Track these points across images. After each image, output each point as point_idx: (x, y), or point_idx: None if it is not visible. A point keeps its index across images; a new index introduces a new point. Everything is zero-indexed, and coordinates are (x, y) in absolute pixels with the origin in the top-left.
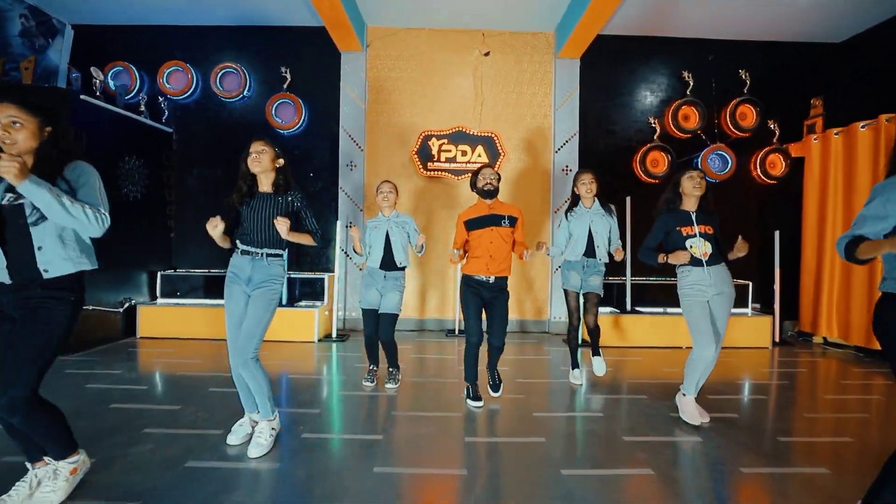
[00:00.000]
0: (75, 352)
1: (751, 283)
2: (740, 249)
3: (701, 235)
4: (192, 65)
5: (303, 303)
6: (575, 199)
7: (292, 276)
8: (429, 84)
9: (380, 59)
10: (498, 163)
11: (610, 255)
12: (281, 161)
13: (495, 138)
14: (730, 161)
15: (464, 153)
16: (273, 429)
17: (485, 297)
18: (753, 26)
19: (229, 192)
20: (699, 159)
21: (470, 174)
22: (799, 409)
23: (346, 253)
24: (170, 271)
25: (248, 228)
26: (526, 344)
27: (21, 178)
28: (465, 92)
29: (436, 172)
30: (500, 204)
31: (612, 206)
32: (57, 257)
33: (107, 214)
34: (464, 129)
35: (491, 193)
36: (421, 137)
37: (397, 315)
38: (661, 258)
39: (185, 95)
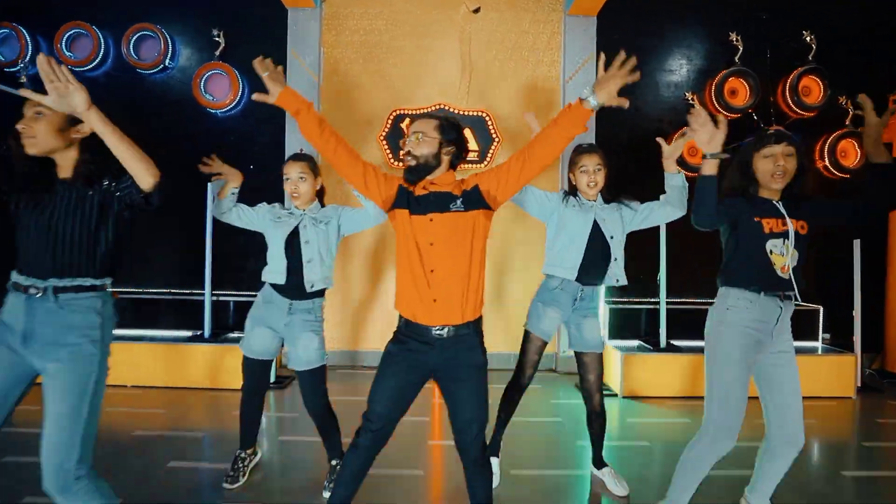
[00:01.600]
0: None
1: (821, 308)
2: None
3: (789, 236)
4: (101, 28)
5: (234, 334)
6: (572, 189)
7: (225, 297)
8: (402, 50)
9: (339, 18)
10: (491, 150)
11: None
12: (85, 130)
13: (487, 119)
14: None
15: None
16: None
17: (430, 366)
18: None
19: None
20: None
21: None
22: None
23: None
24: None
25: (30, 244)
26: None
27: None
28: (449, 60)
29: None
30: (453, 181)
31: (623, 201)
32: None
33: None
34: (447, 108)
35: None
36: (391, 118)
37: (323, 368)
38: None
39: (91, 66)
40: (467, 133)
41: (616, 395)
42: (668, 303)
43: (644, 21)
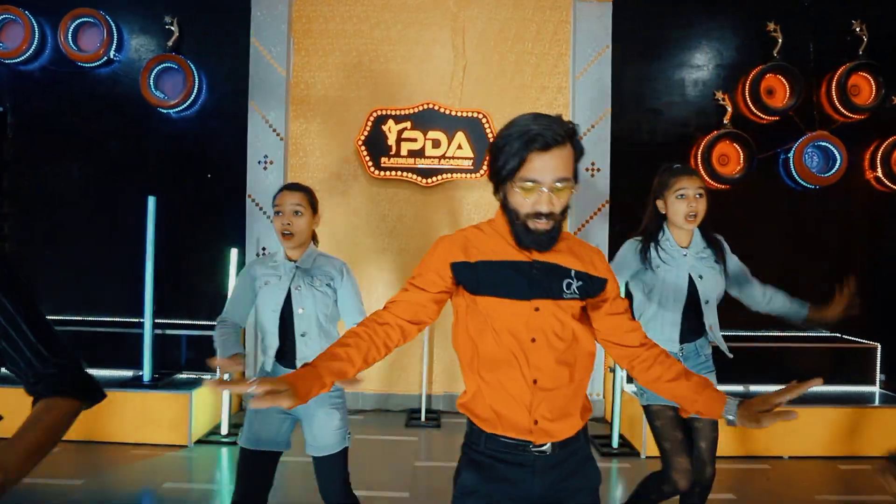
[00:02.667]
0: None
1: (879, 346)
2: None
3: None
4: (35, 13)
5: (182, 375)
6: (656, 225)
7: (174, 329)
8: (384, 40)
9: (311, 4)
10: (487, 157)
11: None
12: None
13: (484, 120)
14: (838, 156)
15: (436, 143)
16: None
17: (534, 495)
18: None
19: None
20: (791, 154)
21: (449, 174)
22: None
23: None
24: None
25: None
26: None
27: None
28: (440, 52)
29: (394, 173)
30: (563, 238)
31: (722, 240)
32: None
33: None
34: (436, 108)
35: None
36: (371, 120)
37: (345, 452)
38: None
39: (23, 57)
40: (460, 136)
41: (639, 455)
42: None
43: (667, 8)
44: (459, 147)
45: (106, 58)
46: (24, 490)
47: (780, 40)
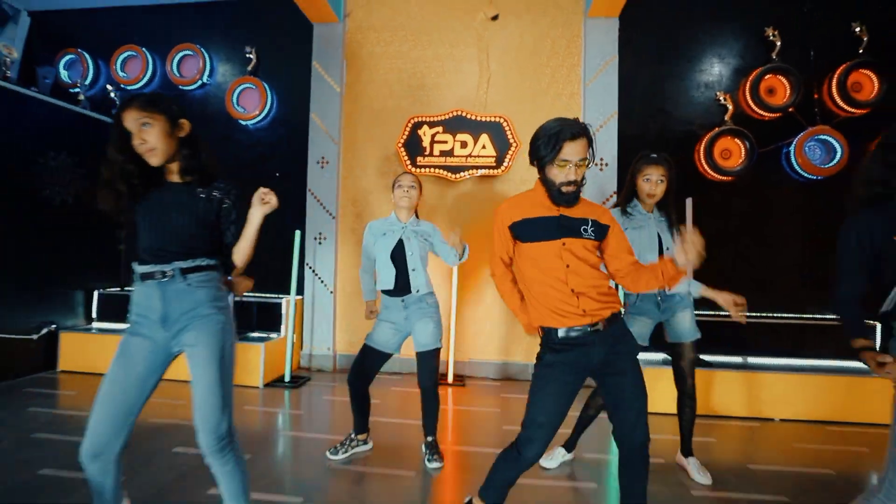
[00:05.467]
0: None
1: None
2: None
3: None
4: (150, 49)
5: (255, 333)
6: (630, 193)
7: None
8: (420, 59)
9: (361, 30)
10: (508, 156)
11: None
12: (185, 125)
13: (505, 124)
14: (839, 149)
15: (464, 144)
16: None
17: (594, 363)
18: None
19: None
20: (792, 148)
21: (475, 171)
22: None
23: (314, 271)
24: (115, 289)
25: (149, 237)
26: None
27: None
28: (467, 67)
29: (428, 169)
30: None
31: (671, 212)
32: None
33: None
34: (464, 114)
35: (572, 197)
36: (410, 125)
37: (438, 350)
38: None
39: (141, 84)
40: (484, 138)
41: None
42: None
43: (671, 18)
44: (483, 147)
45: (201, 82)
46: (148, 425)
47: (778, 44)
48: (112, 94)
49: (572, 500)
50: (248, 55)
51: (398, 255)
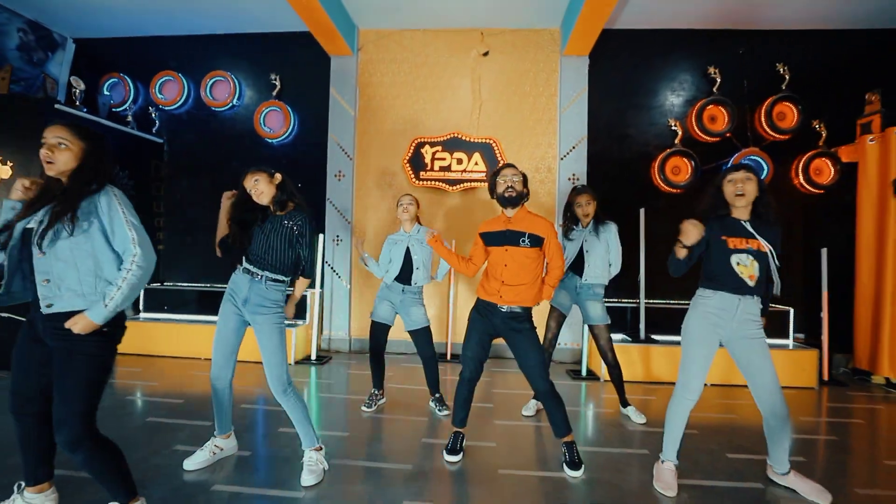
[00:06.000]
0: None
1: (792, 310)
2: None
3: (751, 252)
4: (185, 74)
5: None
6: (572, 217)
7: None
8: (423, 88)
9: (372, 63)
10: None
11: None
12: (278, 177)
13: (494, 145)
14: (766, 167)
15: (459, 161)
16: (321, 458)
17: (497, 327)
18: (791, 12)
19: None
20: (728, 165)
21: (468, 183)
22: (855, 479)
23: (332, 268)
24: (155, 285)
25: (256, 249)
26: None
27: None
28: (463, 95)
29: (429, 182)
30: (525, 216)
31: (604, 225)
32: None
33: (137, 248)
34: (460, 136)
35: (513, 201)
36: (413, 145)
37: (429, 327)
38: (677, 249)
39: (177, 106)
40: (477, 156)
41: (599, 379)
42: (647, 303)
43: (633, 58)
44: (476, 164)
45: (231, 104)
46: (148, 425)
47: (719, 79)
48: (153, 115)
49: (565, 490)
50: (273, 81)
51: (407, 258)
